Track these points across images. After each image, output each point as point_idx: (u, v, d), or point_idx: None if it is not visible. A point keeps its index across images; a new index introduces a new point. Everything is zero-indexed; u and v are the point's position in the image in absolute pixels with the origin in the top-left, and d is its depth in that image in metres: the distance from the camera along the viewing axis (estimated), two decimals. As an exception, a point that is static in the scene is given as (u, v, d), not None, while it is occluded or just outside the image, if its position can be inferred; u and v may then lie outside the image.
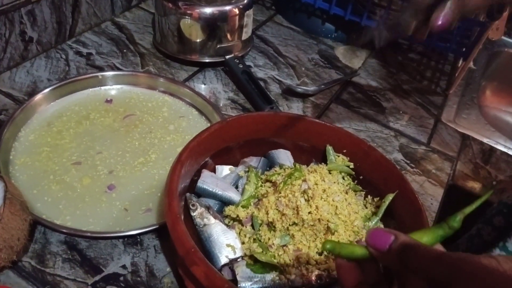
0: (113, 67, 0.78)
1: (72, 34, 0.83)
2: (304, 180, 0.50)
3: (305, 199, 0.49)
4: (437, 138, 0.81)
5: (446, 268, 0.26)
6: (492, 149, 0.82)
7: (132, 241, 0.53)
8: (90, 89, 0.72)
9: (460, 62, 0.95)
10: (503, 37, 1.17)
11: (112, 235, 0.53)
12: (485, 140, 0.84)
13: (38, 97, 0.66)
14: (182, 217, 0.46)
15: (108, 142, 0.64)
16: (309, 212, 0.48)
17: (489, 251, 0.65)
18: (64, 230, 0.51)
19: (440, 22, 0.44)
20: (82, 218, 0.54)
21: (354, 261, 0.31)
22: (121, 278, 0.50)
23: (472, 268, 0.24)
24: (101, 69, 0.77)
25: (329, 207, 0.49)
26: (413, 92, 0.91)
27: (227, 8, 0.77)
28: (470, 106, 0.94)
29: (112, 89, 0.73)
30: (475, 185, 0.75)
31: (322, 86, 0.85)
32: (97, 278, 0.49)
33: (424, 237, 0.31)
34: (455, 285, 0.25)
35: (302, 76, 0.87)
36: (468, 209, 0.31)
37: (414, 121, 0.84)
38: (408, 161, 0.74)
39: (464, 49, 0.91)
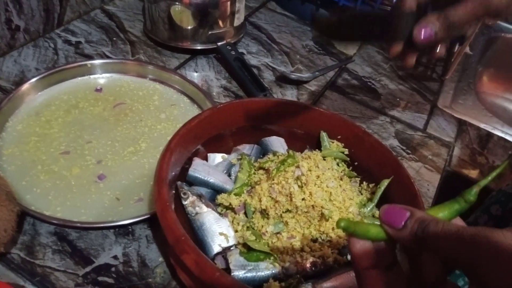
0: (103, 56, 0.77)
1: (61, 22, 0.81)
2: (297, 167, 0.49)
3: (299, 186, 0.48)
4: (433, 124, 0.80)
5: (467, 246, 0.24)
6: (489, 135, 0.81)
7: (124, 231, 0.52)
8: (79, 78, 0.70)
9: (456, 47, 0.94)
10: (500, 22, 1.15)
11: (102, 225, 0.52)
12: (482, 126, 0.83)
13: (26, 86, 0.65)
14: (173, 205, 0.45)
15: (98, 131, 0.63)
16: (303, 199, 0.47)
17: None
18: (54, 221, 0.50)
19: (422, 36, 0.42)
20: (73, 209, 0.53)
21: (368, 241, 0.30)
22: (113, 269, 0.49)
23: (496, 247, 0.23)
24: (90, 57, 0.76)
25: (323, 193, 0.48)
26: (409, 78, 0.90)
27: (218, -7, 0.76)
28: (466, 91, 0.93)
29: (102, 78, 0.71)
30: (472, 171, 0.74)
31: (317, 73, 0.83)
32: (88, 269, 0.48)
33: (440, 213, 0.29)
34: (477, 265, 0.23)
35: (296, 63, 0.86)
36: (484, 182, 0.29)
37: (410, 107, 0.82)
38: (404, 147, 0.73)
39: (460, 34, 0.90)
